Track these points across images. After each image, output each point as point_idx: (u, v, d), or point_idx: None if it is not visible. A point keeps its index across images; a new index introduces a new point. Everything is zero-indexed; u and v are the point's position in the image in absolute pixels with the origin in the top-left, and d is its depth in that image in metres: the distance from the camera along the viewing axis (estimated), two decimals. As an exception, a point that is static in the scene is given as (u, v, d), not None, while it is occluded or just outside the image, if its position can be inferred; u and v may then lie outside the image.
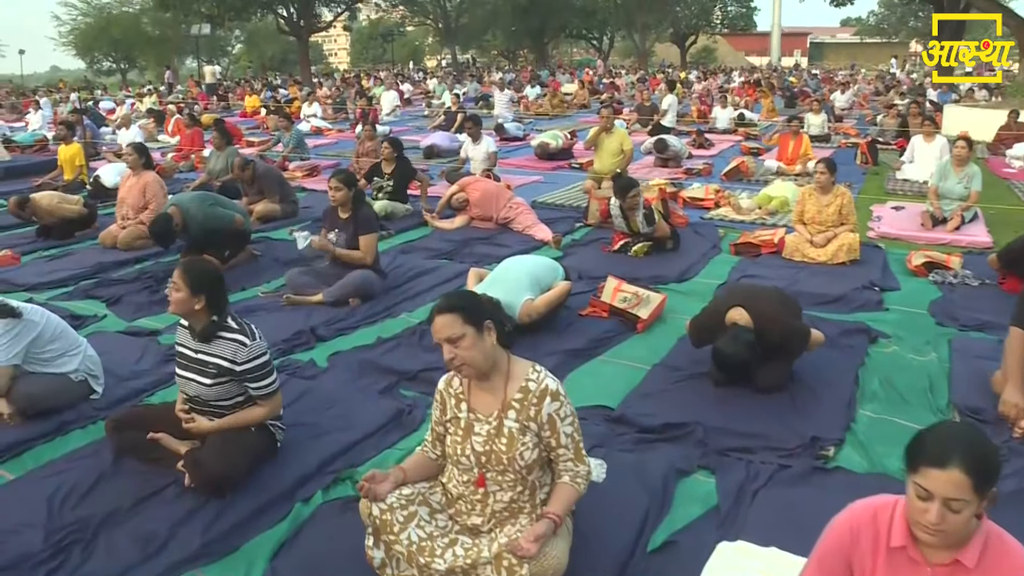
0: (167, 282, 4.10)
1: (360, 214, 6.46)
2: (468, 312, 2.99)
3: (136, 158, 8.47)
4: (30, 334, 4.48)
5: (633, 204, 7.72)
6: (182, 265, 3.86)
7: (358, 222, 6.43)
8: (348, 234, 6.44)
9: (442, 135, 15.27)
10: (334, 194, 6.39)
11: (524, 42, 59.87)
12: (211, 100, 30.63)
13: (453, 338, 2.95)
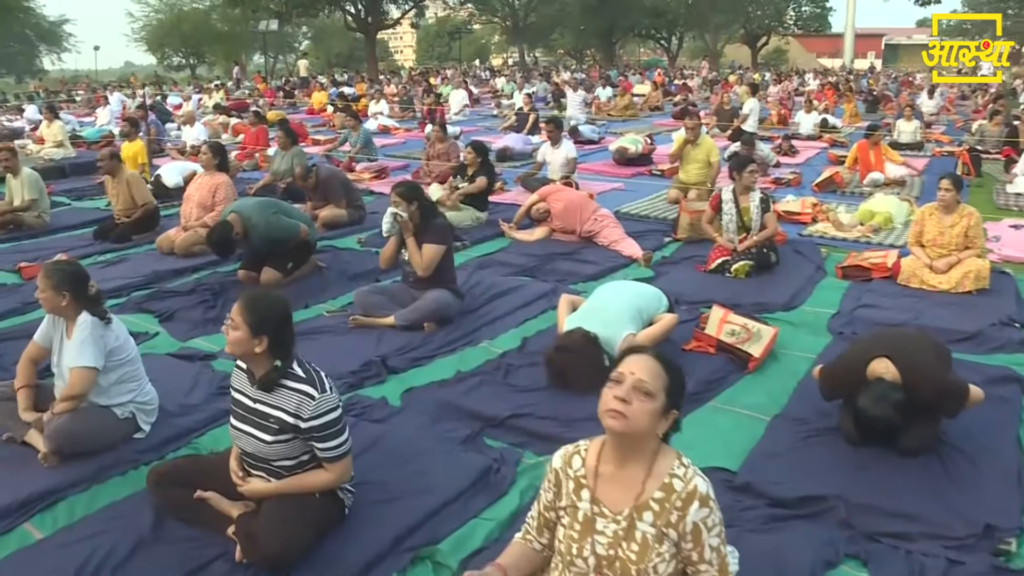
0: (225, 298, 3.55)
1: (430, 224, 5.82)
2: (673, 382, 2.42)
3: (210, 157, 8.00)
4: (108, 345, 4.02)
5: (750, 183, 7.16)
6: (243, 299, 3.23)
7: (426, 232, 5.79)
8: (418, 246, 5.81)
9: (515, 137, 14.59)
10: (402, 214, 5.77)
11: (591, 42, 59.02)
12: (277, 96, 30.37)
13: (644, 389, 2.33)
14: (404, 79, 39.89)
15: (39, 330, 4.20)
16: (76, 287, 3.98)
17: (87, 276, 4.08)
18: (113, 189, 8.88)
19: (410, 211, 5.72)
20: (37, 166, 13.17)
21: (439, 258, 5.76)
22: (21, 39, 50.89)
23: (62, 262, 4.20)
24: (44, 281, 3.97)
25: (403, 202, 5.69)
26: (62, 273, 3.98)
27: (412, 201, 5.73)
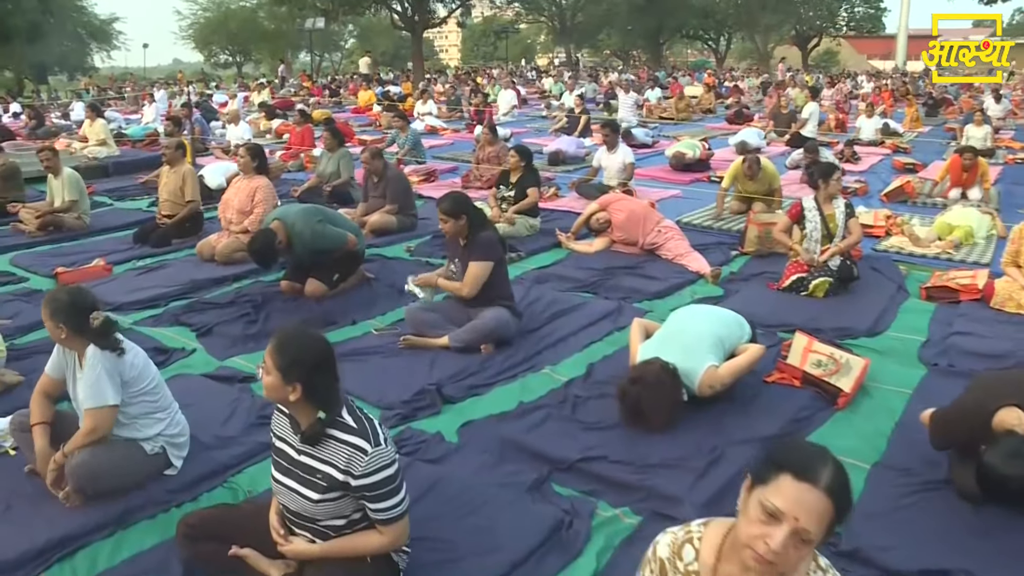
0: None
1: (478, 238, 5.35)
2: (840, 508, 1.84)
3: (248, 160, 7.59)
4: (124, 376, 3.61)
5: (836, 191, 6.68)
6: (275, 339, 2.81)
7: (473, 247, 5.33)
8: (465, 262, 5.35)
9: (568, 140, 14.06)
10: (443, 227, 5.35)
11: (638, 42, 58.30)
12: (323, 95, 30.15)
13: (806, 537, 1.80)
14: (450, 78, 39.53)
15: (50, 361, 3.79)
16: (73, 319, 3.55)
17: (89, 306, 3.62)
18: (166, 179, 8.59)
19: (458, 225, 5.28)
20: (80, 165, 13.00)
21: (485, 276, 5.29)
22: (73, 37, 51.29)
23: (61, 290, 3.75)
24: (42, 311, 3.58)
25: (450, 219, 5.25)
26: (56, 304, 3.55)
27: (460, 215, 5.27)
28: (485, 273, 5.28)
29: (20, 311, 6.29)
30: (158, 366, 5.04)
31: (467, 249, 5.33)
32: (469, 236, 5.31)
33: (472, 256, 5.28)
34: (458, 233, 5.30)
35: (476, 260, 5.27)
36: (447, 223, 5.26)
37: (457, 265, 5.41)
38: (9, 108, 26.54)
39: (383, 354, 5.24)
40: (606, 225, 7.75)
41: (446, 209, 5.26)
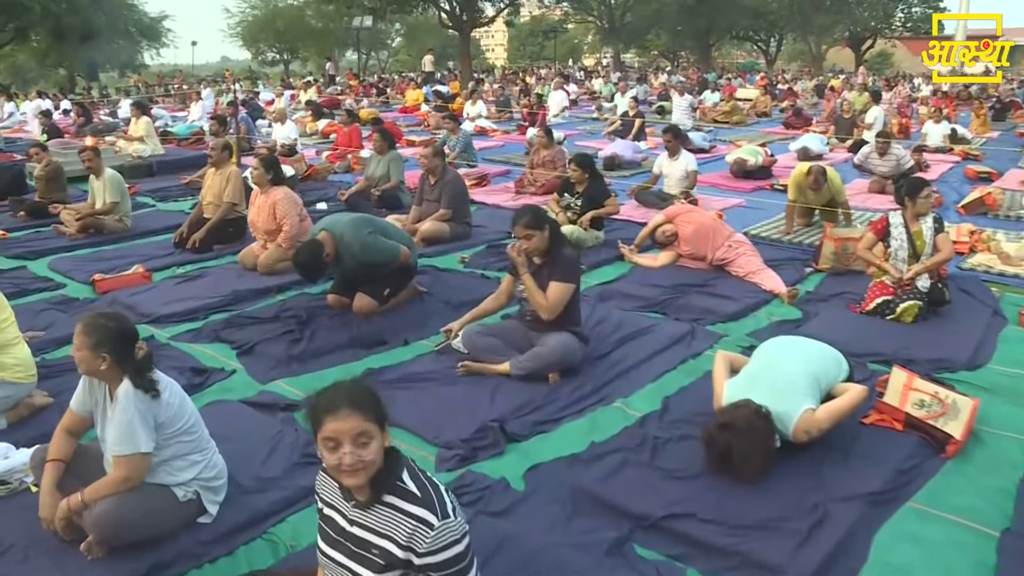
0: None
1: (559, 256, 4.87)
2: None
3: (262, 173, 7.11)
4: (159, 419, 3.20)
5: (925, 209, 6.10)
6: (346, 393, 2.35)
7: (553, 266, 4.85)
8: (542, 283, 4.86)
9: (624, 144, 13.53)
10: (526, 243, 4.83)
11: (687, 43, 57.47)
12: (371, 93, 29.88)
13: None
14: (498, 78, 39.11)
15: (76, 396, 3.39)
16: (120, 349, 3.16)
17: (135, 334, 3.25)
18: (211, 181, 8.24)
19: (541, 239, 4.80)
20: (125, 164, 12.78)
21: (567, 299, 4.82)
22: (124, 35, 51.79)
23: (106, 315, 3.33)
24: (81, 339, 3.15)
25: (535, 232, 4.78)
26: (104, 331, 3.15)
27: (543, 227, 4.80)
28: (567, 296, 4.82)
29: (54, 322, 5.96)
30: (195, 388, 4.77)
31: (546, 267, 4.85)
32: (549, 253, 4.85)
33: (554, 276, 4.80)
34: (539, 249, 4.82)
35: (559, 281, 4.79)
36: (531, 238, 4.78)
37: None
38: (60, 105, 26.58)
39: (439, 381, 4.80)
40: (672, 238, 7.25)
41: (529, 222, 4.79)
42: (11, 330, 4.39)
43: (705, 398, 4.34)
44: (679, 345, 5.41)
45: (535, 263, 4.90)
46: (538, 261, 4.90)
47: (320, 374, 4.97)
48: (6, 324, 4.36)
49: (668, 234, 7.26)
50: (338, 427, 2.23)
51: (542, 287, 4.81)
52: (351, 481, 2.27)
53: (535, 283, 4.82)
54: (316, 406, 2.30)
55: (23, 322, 5.76)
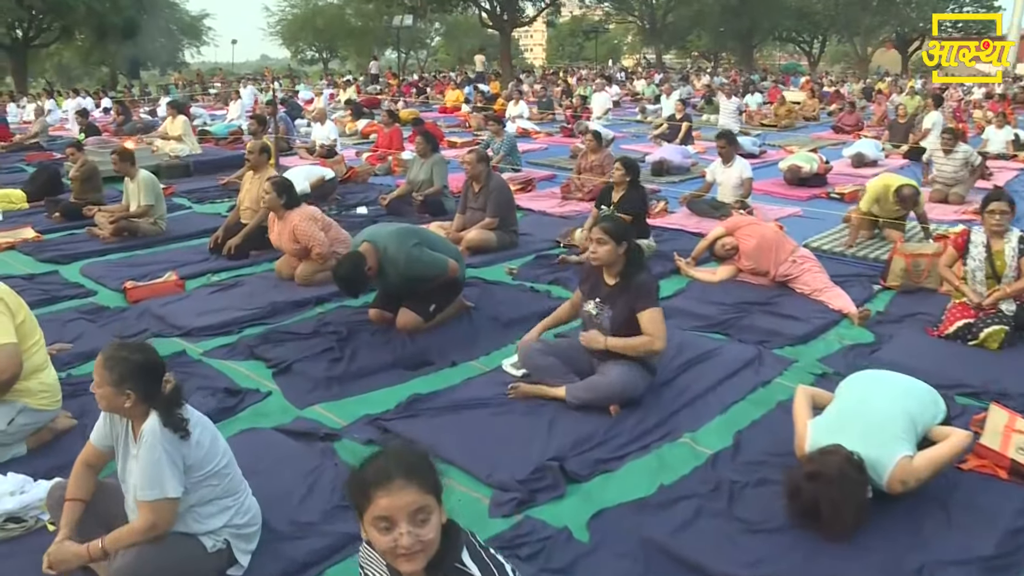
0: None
1: (637, 281, 4.44)
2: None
3: (274, 198, 6.63)
4: (188, 460, 2.84)
5: (998, 228, 5.62)
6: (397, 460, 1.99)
7: (634, 292, 4.41)
8: (617, 309, 4.43)
9: (672, 149, 13.05)
10: (597, 249, 4.42)
11: (729, 44, 56.71)
12: (411, 93, 29.61)
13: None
14: (538, 78, 38.72)
15: (96, 429, 3.05)
16: (146, 385, 2.82)
17: (161, 367, 2.90)
18: (249, 185, 7.95)
19: (615, 253, 4.39)
20: (162, 163, 12.56)
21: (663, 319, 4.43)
22: (165, 33, 52.19)
23: (129, 347, 2.95)
24: (102, 374, 2.81)
25: (611, 242, 4.36)
26: (128, 365, 2.80)
27: (622, 241, 4.39)
28: (662, 318, 4.41)
29: (82, 333, 5.66)
30: (228, 412, 4.43)
31: (620, 289, 4.43)
32: (625, 273, 4.45)
33: (638, 304, 4.36)
34: (610, 262, 4.42)
35: (647, 307, 4.35)
36: (604, 245, 4.36)
37: (599, 306, 4.51)
38: (101, 103, 26.60)
39: (490, 408, 4.41)
40: (733, 252, 6.82)
41: (610, 229, 4.37)
42: (40, 354, 4.07)
43: (781, 435, 3.95)
44: (746, 371, 4.99)
45: (608, 284, 4.51)
46: (612, 281, 4.50)
47: (362, 398, 4.61)
48: (36, 348, 4.04)
49: (728, 247, 6.84)
50: (393, 503, 1.86)
51: (618, 315, 4.41)
52: (408, 567, 1.90)
53: (608, 308, 4.44)
54: (363, 479, 1.92)
55: (51, 333, 5.53)
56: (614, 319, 4.42)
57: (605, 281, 4.51)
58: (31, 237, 8.54)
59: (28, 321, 3.99)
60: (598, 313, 4.49)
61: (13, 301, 3.91)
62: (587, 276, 4.67)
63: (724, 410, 4.51)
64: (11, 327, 3.83)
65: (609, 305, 4.45)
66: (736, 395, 4.68)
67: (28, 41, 39.01)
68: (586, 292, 4.62)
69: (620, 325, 4.41)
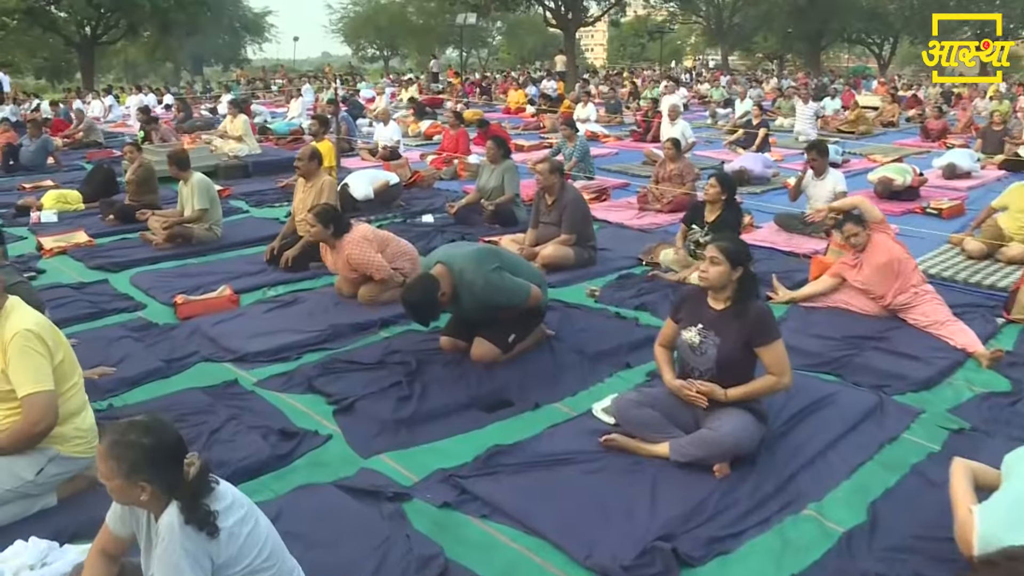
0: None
1: (754, 310, 3.84)
2: None
3: (321, 230, 6.02)
4: (216, 559, 2.30)
5: None
6: None
7: (751, 322, 3.80)
8: (726, 338, 3.82)
9: (753, 157, 12.26)
10: (709, 269, 3.81)
11: (796, 46, 55.31)
12: (474, 92, 29.13)
13: None
14: (602, 78, 37.98)
15: (112, 512, 2.55)
16: (163, 473, 2.29)
17: (181, 447, 2.35)
18: (302, 194, 7.42)
19: (729, 277, 3.81)
20: (221, 163, 12.19)
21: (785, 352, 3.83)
22: (228, 30, 52.67)
23: (139, 427, 2.34)
24: (109, 465, 2.28)
25: (726, 263, 3.77)
26: (139, 453, 2.26)
27: (738, 265, 3.80)
28: (784, 351, 3.83)
29: (128, 355, 5.18)
30: (282, 459, 3.89)
31: (731, 317, 3.83)
32: (737, 299, 3.84)
33: (759, 336, 3.78)
34: (722, 286, 3.83)
35: (769, 340, 3.78)
36: (718, 266, 3.78)
37: (702, 333, 3.89)
38: (163, 100, 26.54)
39: (582, 465, 3.79)
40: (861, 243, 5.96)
41: (729, 249, 3.81)
42: (78, 397, 3.56)
43: (926, 512, 3.39)
44: (868, 424, 4.31)
45: (714, 309, 3.89)
46: (719, 306, 3.88)
47: (434, 447, 4.04)
48: (73, 390, 3.53)
49: (857, 238, 6.03)
50: None
51: (727, 345, 3.80)
52: None
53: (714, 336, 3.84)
54: None
55: (94, 353, 5.10)
56: (722, 348, 3.81)
57: (710, 305, 3.90)
58: (83, 242, 8.15)
59: (68, 361, 3.48)
60: (702, 341, 3.87)
61: (52, 339, 3.40)
62: (685, 300, 4.08)
63: (850, 473, 3.84)
64: (48, 371, 3.33)
65: (715, 332, 3.83)
66: (861, 454, 4.00)
67: (96, 38, 39.51)
68: (684, 319, 4.00)
69: (728, 357, 3.81)
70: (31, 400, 3.28)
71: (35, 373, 3.29)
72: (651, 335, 5.42)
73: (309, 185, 7.30)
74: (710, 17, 50.78)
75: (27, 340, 3.29)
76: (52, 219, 9.34)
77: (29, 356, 3.29)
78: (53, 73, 48.01)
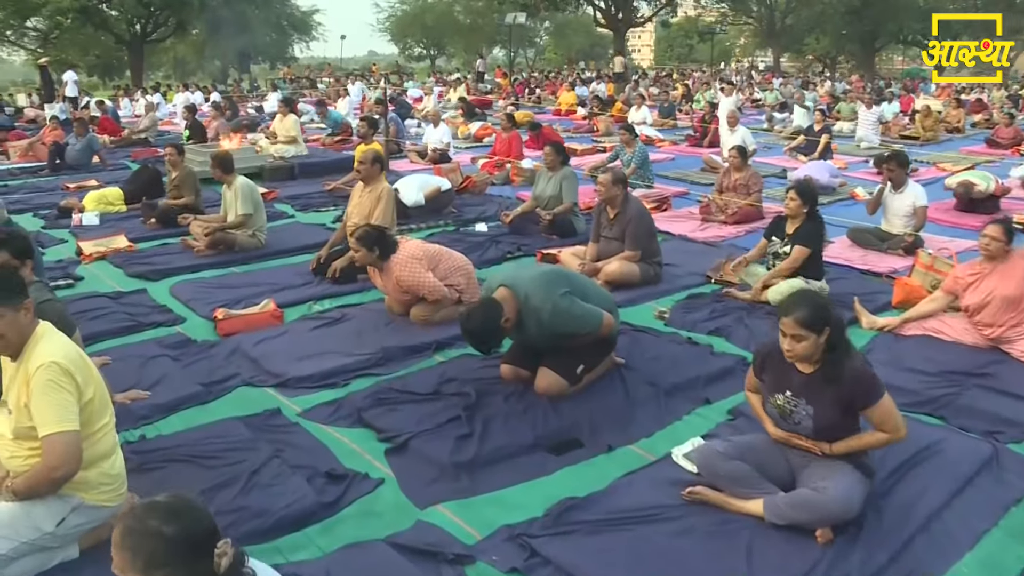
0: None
1: (851, 372, 3.30)
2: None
3: (366, 254, 5.54)
4: None
5: None
6: None
7: (849, 386, 3.29)
8: (821, 405, 3.32)
9: (819, 166, 11.60)
10: (794, 347, 3.28)
11: (848, 47, 54.21)
12: (522, 93, 28.70)
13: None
14: (652, 79, 37.40)
15: None
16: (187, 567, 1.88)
17: (211, 535, 1.92)
18: (358, 199, 7.01)
19: (815, 344, 3.26)
20: (266, 164, 11.89)
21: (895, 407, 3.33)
22: (276, 28, 52.92)
23: (160, 511, 1.91)
24: (123, 557, 1.85)
25: (810, 335, 3.22)
26: (158, 544, 1.84)
27: (822, 328, 3.24)
28: (895, 408, 3.35)
29: (164, 376, 4.83)
30: (328, 508, 3.47)
31: (823, 381, 3.32)
32: (828, 359, 3.32)
33: (863, 399, 3.29)
34: (809, 357, 3.33)
35: (876, 401, 3.28)
36: (802, 341, 3.25)
37: (793, 402, 3.40)
38: (210, 97, 26.45)
39: (665, 522, 3.32)
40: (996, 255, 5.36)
41: (807, 319, 3.22)
42: (108, 438, 3.17)
43: None
44: (985, 479, 3.77)
45: (800, 372, 3.39)
46: (808, 370, 3.38)
47: (499, 496, 3.59)
48: (104, 431, 3.14)
49: (996, 245, 5.41)
50: None
51: (824, 413, 3.32)
52: None
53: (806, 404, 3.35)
54: None
55: (129, 373, 4.77)
56: (818, 419, 3.33)
57: (798, 369, 3.39)
58: (123, 247, 7.84)
59: (99, 398, 3.10)
60: (792, 411, 3.40)
61: (82, 374, 3.02)
62: (766, 359, 3.53)
63: (974, 544, 3.31)
64: (74, 409, 2.95)
65: (806, 400, 3.35)
66: (983, 519, 3.47)
67: (145, 36, 39.86)
68: (769, 383, 3.50)
69: (827, 425, 3.33)
70: (52, 441, 2.91)
71: (59, 411, 2.92)
72: (728, 366, 4.98)
73: (368, 190, 6.90)
74: (762, 18, 49.92)
75: (53, 374, 2.92)
76: (94, 222, 9.08)
77: (54, 392, 2.92)
78: (104, 71, 48.56)
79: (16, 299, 2.98)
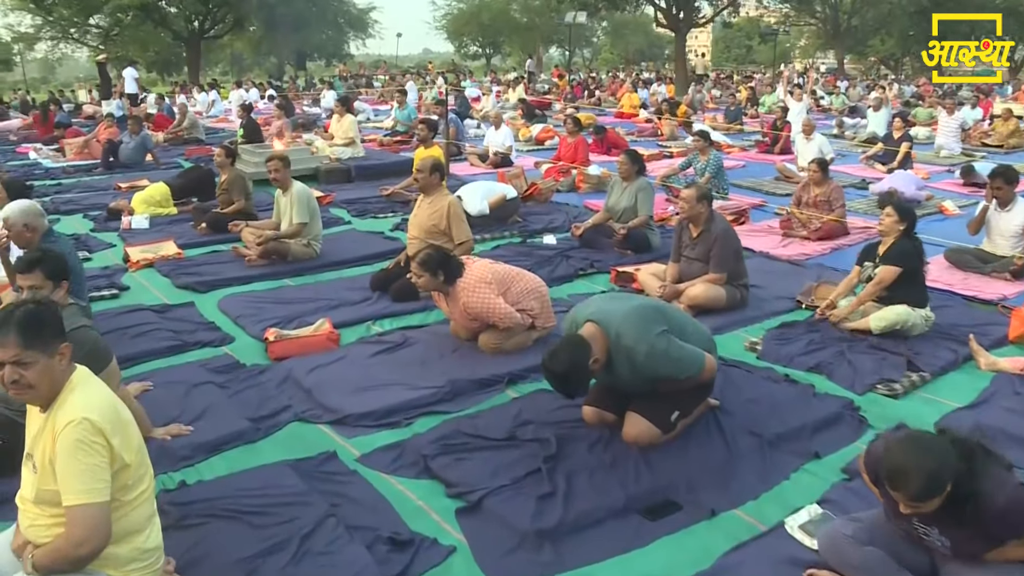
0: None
1: (990, 509, 2.62)
2: None
3: (429, 280, 5.08)
4: None
5: None
6: None
7: (988, 524, 2.67)
8: (958, 540, 2.76)
9: (904, 177, 10.84)
10: (920, 508, 2.65)
11: (913, 48, 52.66)
12: (581, 94, 28.12)
13: None
14: (714, 81, 36.56)
15: None
16: None
17: None
18: (418, 211, 6.48)
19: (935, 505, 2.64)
20: (321, 166, 11.50)
21: None
22: (332, 25, 53.06)
23: None
24: None
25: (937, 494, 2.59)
26: None
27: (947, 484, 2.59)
28: None
29: (208, 407, 4.38)
30: None
31: (956, 518, 2.69)
32: (959, 496, 2.62)
33: (1007, 533, 2.70)
34: None
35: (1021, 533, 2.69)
36: (929, 501, 2.60)
37: (926, 532, 2.81)
38: (266, 94, 26.28)
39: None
40: None
41: (921, 493, 2.57)
42: (145, 508, 2.70)
43: None
44: None
45: None
46: None
47: (588, 573, 3.08)
48: (142, 499, 2.67)
49: None
50: None
51: (962, 547, 2.77)
52: None
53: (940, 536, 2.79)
54: None
55: (171, 402, 4.37)
56: (956, 551, 2.77)
57: None
58: (171, 254, 7.47)
59: (139, 462, 2.64)
60: (928, 540, 2.83)
61: (121, 435, 2.56)
62: (881, 482, 2.78)
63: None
64: (105, 476, 2.49)
65: (938, 530, 2.77)
66: None
67: (203, 33, 40.13)
68: (888, 501, 2.83)
69: (967, 552, 2.77)
70: (76, 514, 2.45)
71: (87, 479, 2.46)
72: (834, 411, 4.40)
73: (428, 202, 6.39)
74: (826, 19, 48.63)
75: (84, 433, 2.46)
76: (143, 225, 8.74)
77: (83, 455, 2.46)
78: (163, 67, 49.00)
79: (51, 343, 2.55)
